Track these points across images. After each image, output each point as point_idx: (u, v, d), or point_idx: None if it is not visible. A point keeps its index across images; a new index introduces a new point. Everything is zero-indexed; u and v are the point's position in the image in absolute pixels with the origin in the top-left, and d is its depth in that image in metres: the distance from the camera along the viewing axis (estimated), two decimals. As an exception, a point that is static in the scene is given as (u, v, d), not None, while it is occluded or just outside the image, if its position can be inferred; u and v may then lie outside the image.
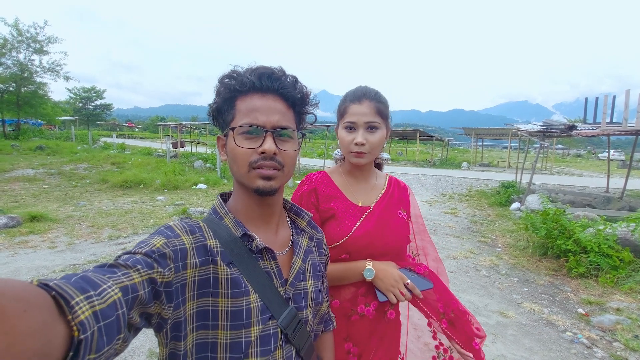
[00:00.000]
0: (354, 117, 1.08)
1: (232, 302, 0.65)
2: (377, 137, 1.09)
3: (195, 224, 0.68)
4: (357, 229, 1.10)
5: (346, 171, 1.20)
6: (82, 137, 25.75)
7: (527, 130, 9.74)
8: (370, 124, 1.07)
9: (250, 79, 0.70)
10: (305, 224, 0.87)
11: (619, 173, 19.79)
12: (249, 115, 0.70)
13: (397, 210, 1.18)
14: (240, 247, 0.70)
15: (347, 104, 1.10)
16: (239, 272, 0.67)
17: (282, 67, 0.75)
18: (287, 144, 0.73)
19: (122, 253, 0.54)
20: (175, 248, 0.59)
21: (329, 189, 1.16)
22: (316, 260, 0.87)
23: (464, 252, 5.26)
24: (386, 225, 1.14)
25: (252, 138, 0.70)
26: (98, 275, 0.45)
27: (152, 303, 0.52)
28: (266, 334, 0.68)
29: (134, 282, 0.48)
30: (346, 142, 1.09)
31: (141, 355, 2.61)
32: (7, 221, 5.66)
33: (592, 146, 59.42)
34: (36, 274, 3.97)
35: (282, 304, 0.72)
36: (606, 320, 3.25)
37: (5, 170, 10.88)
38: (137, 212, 7.06)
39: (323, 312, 0.89)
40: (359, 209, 1.14)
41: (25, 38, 19.36)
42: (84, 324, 0.38)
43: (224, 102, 0.73)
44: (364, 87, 1.13)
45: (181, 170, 12.54)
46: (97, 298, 0.41)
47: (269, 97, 0.72)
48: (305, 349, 0.78)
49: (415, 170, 18.77)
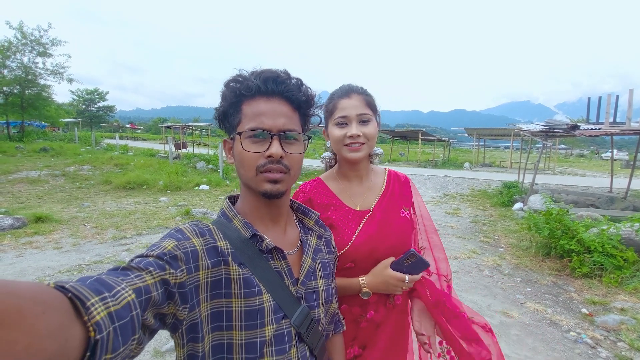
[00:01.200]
0: (344, 111, 1.05)
1: (245, 302, 0.66)
2: (371, 128, 1.06)
3: (204, 226, 0.69)
4: (358, 236, 1.05)
5: (341, 175, 1.15)
6: (86, 138, 25.91)
7: (529, 130, 9.72)
8: (362, 116, 1.05)
9: (255, 83, 0.71)
10: (313, 223, 0.88)
11: (622, 173, 19.68)
12: (255, 120, 0.71)
13: (400, 210, 1.13)
14: (250, 248, 0.71)
15: (336, 101, 1.07)
16: (250, 273, 0.68)
17: (287, 70, 0.76)
18: (293, 147, 0.74)
19: (134, 257, 0.55)
20: (186, 250, 0.60)
21: (325, 197, 1.12)
22: (325, 258, 0.88)
23: (466, 252, 5.26)
24: (389, 227, 1.09)
25: (258, 142, 0.71)
26: (112, 278, 0.46)
27: (165, 304, 0.53)
28: (280, 333, 0.69)
29: (147, 283, 0.49)
30: (340, 137, 1.05)
31: (146, 355, 2.63)
32: (13, 222, 5.71)
33: (596, 146, 59.15)
34: (42, 275, 4.00)
35: (294, 303, 0.73)
36: (610, 320, 3.24)
37: (10, 172, 10.96)
38: (141, 213, 7.10)
39: (333, 310, 0.90)
40: (358, 214, 1.09)
41: (30, 41, 19.55)
42: (100, 325, 0.39)
43: (230, 106, 0.74)
44: (348, 84, 1.11)
45: (184, 172, 12.60)
46: (112, 299, 0.42)
47: (275, 101, 0.73)
48: (319, 348, 0.78)
49: (417, 170, 18.74)
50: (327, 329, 0.89)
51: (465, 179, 15.44)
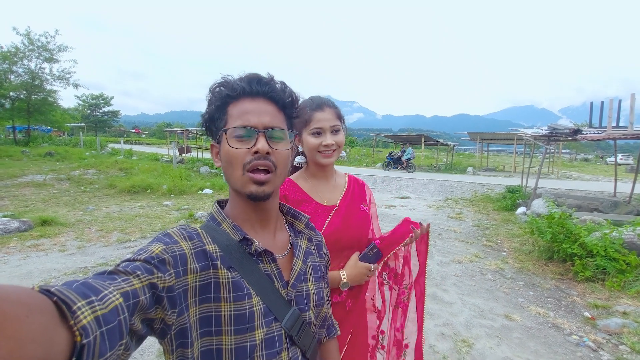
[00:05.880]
0: (320, 123, 1.20)
1: (235, 306, 0.65)
2: (341, 137, 1.24)
3: (193, 230, 0.68)
4: (327, 228, 1.20)
5: (310, 175, 1.31)
6: (91, 143, 26.14)
7: (532, 135, 9.71)
8: (335, 127, 1.22)
9: (240, 85, 0.72)
10: (303, 226, 0.88)
11: (627, 177, 19.54)
12: (241, 118, 0.71)
13: (360, 205, 1.32)
14: (239, 251, 0.70)
15: (311, 113, 1.21)
16: (239, 276, 0.67)
17: (271, 74, 0.76)
18: (280, 144, 0.74)
19: (121, 261, 0.55)
20: (175, 254, 0.59)
21: (297, 194, 1.25)
22: (316, 262, 0.88)
23: (469, 256, 5.26)
24: (351, 220, 1.26)
25: (244, 140, 0.71)
26: (99, 282, 0.45)
27: (153, 308, 0.52)
28: (270, 337, 0.69)
29: (135, 287, 0.49)
30: (315, 145, 1.20)
31: (150, 355, 2.66)
32: (19, 225, 5.79)
33: (600, 150, 58.75)
34: (48, 276, 4.05)
35: (284, 306, 0.73)
36: (612, 323, 3.24)
37: (16, 176, 11.09)
38: (145, 217, 7.16)
39: (324, 314, 0.89)
40: (326, 209, 1.25)
41: (37, 47, 19.84)
42: (86, 329, 0.38)
43: (216, 110, 0.74)
44: (318, 97, 1.27)
45: (187, 176, 12.69)
46: (99, 303, 0.41)
47: (260, 101, 0.74)
48: (311, 351, 0.78)
49: (420, 175, 18.73)
50: (319, 333, 0.89)
51: (468, 183, 15.42)
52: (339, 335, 1.01)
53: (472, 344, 2.94)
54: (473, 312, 3.55)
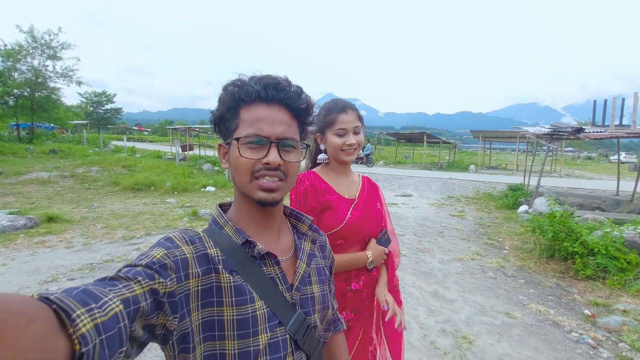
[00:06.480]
0: (344, 124, 1.32)
1: (238, 310, 0.64)
2: (361, 137, 1.38)
3: (195, 234, 0.67)
4: (350, 217, 1.33)
5: (332, 170, 1.43)
6: (94, 140, 26.27)
7: (534, 133, 9.70)
8: (356, 128, 1.35)
9: (255, 89, 0.70)
10: (307, 228, 0.87)
11: (630, 176, 19.47)
12: (254, 126, 0.70)
13: (376, 203, 1.46)
14: (242, 255, 0.69)
15: (335, 115, 1.34)
16: (242, 280, 0.66)
17: (287, 77, 0.75)
18: (291, 155, 0.73)
19: (123, 266, 0.54)
20: (176, 258, 0.59)
21: (322, 184, 1.37)
22: (320, 264, 0.87)
23: (470, 254, 5.30)
24: (370, 214, 1.40)
25: (256, 148, 0.70)
26: (99, 288, 0.45)
27: (154, 314, 0.52)
28: (275, 342, 0.67)
29: (135, 293, 0.48)
30: (339, 144, 1.33)
31: (156, 358, 2.71)
32: (26, 222, 5.87)
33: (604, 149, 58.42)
34: (55, 272, 4.12)
35: (289, 310, 0.71)
36: (612, 321, 3.27)
37: (21, 173, 11.18)
38: (149, 214, 7.23)
39: (330, 318, 0.88)
40: (347, 201, 1.37)
41: (40, 44, 19.88)
42: (86, 337, 0.37)
43: (228, 110, 0.72)
44: (341, 100, 1.40)
45: (190, 173, 12.75)
46: (99, 311, 0.41)
47: (274, 108, 0.72)
48: (316, 355, 0.77)
49: (422, 173, 18.73)
50: (324, 336, 0.87)
51: (470, 181, 15.42)
52: (344, 329, 1.00)
53: (472, 341, 2.99)
54: (474, 309, 3.59)
